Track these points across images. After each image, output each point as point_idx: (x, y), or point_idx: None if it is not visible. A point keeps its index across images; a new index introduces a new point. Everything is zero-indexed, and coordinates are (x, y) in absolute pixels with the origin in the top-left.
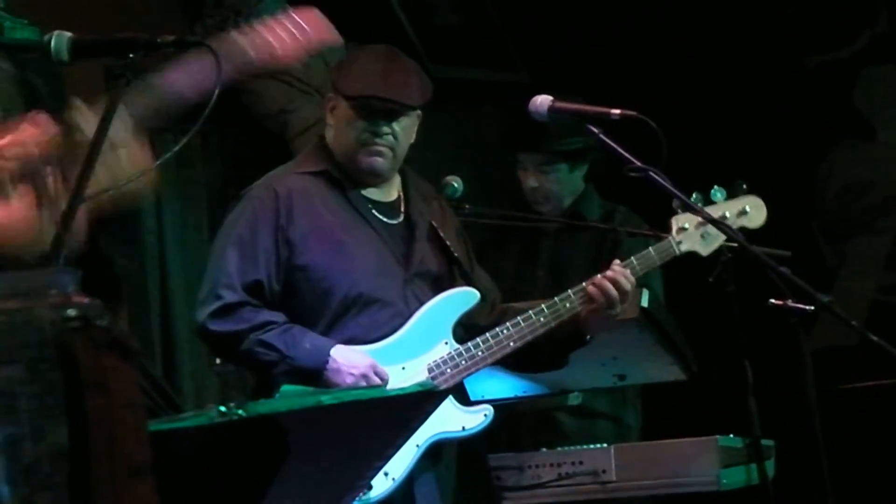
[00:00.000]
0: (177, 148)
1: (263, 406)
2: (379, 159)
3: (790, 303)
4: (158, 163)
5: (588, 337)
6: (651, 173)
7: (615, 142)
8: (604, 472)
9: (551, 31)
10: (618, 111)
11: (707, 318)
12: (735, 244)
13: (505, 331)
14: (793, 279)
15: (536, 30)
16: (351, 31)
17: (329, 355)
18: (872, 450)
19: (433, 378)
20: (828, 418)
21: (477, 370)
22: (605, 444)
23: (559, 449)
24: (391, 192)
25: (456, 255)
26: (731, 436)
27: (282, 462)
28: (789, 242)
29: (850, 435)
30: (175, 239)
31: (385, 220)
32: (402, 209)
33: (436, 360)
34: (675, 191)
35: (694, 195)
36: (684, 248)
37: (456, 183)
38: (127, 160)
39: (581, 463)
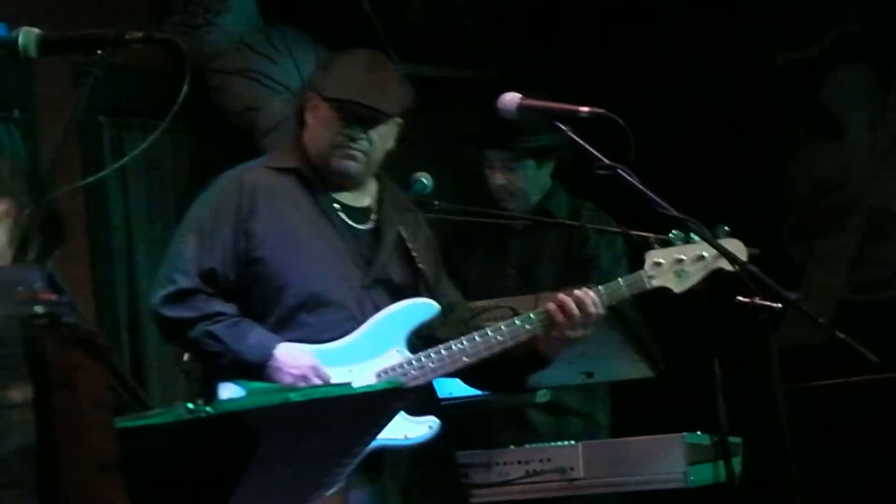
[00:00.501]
0: (145, 145)
1: (231, 403)
2: (352, 163)
3: (758, 300)
4: (126, 159)
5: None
6: (619, 171)
7: (584, 139)
8: (571, 469)
9: (520, 29)
10: (586, 109)
11: (675, 316)
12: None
13: (459, 345)
14: (761, 277)
15: (505, 27)
16: (320, 28)
17: (272, 353)
18: (839, 447)
19: None
20: (795, 416)
21: (426, 381)
22: (573, 442)
23: (527, 446)
24: (364, 197)
25: (421, 267)
26: (699, 433)
27: (250, 459)
28: (757, 240)
29: (818, 432)
30: (143, 237)
31: (352, 224)
32: (373, 216)
33: (385, 367)
34: (643, 189)
35: (673, 233)
36: (656, 283)
37: (425, 179)
38: None
39: (549, 460)
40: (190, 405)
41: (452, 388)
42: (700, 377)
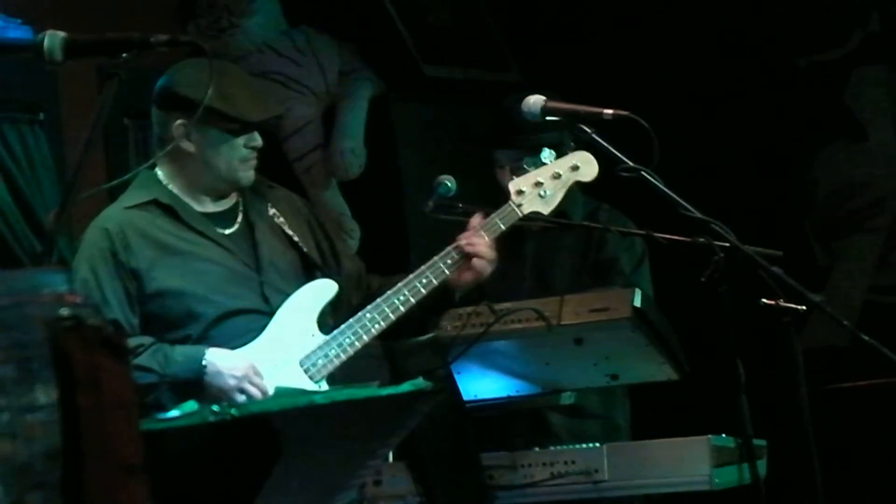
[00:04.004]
0: (170, 147)
1: (256, 405)
2: (252, 173)
3: (782, 302)
4: (151, 162)
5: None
6: (643, 173)
7: (607, 142)
8: (596, 471)
9: (543, 31)
10: (610, 111)
11: (699, 318)
12: (728, 244)
13: (367, 315)
14: (785, 279)
15: (528, 29)
16: (344, 31)
17: (206, 360)
18: (864, 449)
19: (306, 371)
20: (819, 418)
21: (349, 356)
22: (597, 444)
23: (552, 448)
24: (228, 199)
25: (304, 248)
26: (724, 435)
27: (275, 461)
28: (781, 242)
29: (842, 434)
30: None
31: (224, 231)
32: (240, 214)
33: (306, 354)
34: (667, 191)
35: (525, 159)
36: (526, 209)
37: (449, 182)
38: None
39: (574, 462)
40: (215, 407)
41: (477, 391)
42: (724, 379)
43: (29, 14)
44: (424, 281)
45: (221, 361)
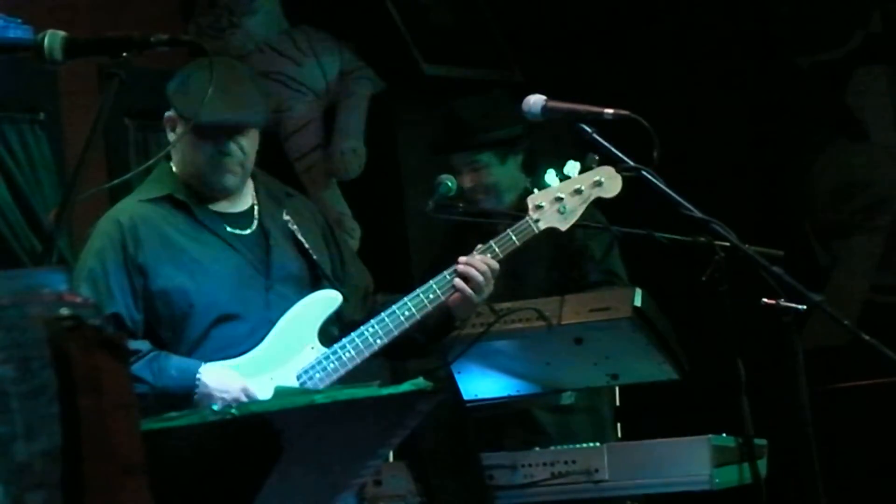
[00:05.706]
0: (170, 147)
1: (256, 405)
2: (230, 177)
3: (783, 302)
4: (152, 161)
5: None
6: (644, 173)
7: (608, 141)
8: (596, 471)
9: (545, 31)
10: (611, 111)
11: (700, 318)
12: (728, 243)
13: (370, 329)
14: (785, 279)
15: (530, 29)
16: (345, 31)
17: (197, 378)
18: (864, 449)
19: (302, 385)
20: (820, 417)
21: (347, 371)
22: (597, 444)
23: (552, 448)
24: (244, 201)
25: (314, 256)
26: (724, 435)
27: (275, 461)
28: (782, 242)
29: (843, 434)
30: None
31: (237, 231)
32: (256, 217)
33: (303, 367)
34: (668, 190)
35: (548, 171)
36: (542, 225)
37: (449, 182)
38: None
39: (574, 462)
40: (215, 406)
41: (477, 390)
42: (725, 379)
43: (29, 14)
44: (431, 296)
45: (214, 382)
